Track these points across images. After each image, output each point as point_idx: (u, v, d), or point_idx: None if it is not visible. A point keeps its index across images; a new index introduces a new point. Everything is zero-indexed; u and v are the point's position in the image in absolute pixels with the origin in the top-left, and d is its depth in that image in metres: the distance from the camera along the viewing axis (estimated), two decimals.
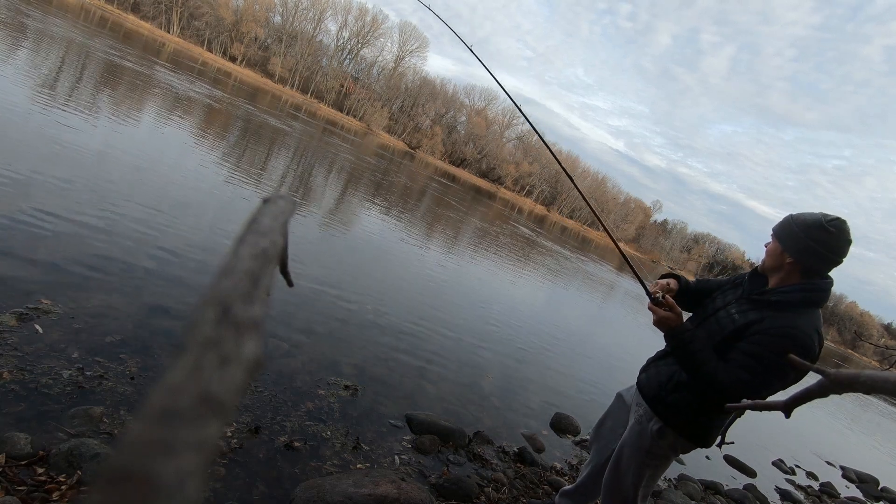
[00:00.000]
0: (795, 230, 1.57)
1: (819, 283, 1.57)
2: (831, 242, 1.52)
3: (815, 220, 1.54)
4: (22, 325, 2.35)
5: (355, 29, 78.13)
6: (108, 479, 0.18)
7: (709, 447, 1.78)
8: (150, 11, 63.46)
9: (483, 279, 8.43)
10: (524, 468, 3.01)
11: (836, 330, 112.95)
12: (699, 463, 4.41)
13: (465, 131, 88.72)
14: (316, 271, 4.90)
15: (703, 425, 1.73)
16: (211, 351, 0.23)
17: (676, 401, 1.73)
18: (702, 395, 1.68)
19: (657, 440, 1.79)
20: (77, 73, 10.41)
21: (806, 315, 1.55)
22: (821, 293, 1.57)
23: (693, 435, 1.75)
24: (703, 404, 1.69)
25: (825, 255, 1.53)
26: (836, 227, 1.52)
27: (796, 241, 1.56)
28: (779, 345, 1.50)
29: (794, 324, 1.52)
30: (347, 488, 2.03)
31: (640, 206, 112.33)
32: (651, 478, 1.88)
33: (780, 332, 1.51)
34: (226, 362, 0.23)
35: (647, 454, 1.83)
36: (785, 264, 1.61)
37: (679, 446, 1.80)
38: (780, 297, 1.59)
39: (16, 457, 1.68)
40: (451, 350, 4.46)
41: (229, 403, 0.22)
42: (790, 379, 1.53)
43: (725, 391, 1.54)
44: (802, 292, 1.56)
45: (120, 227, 3.96)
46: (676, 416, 1.74)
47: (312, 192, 9.36)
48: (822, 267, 1.57)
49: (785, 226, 1.62)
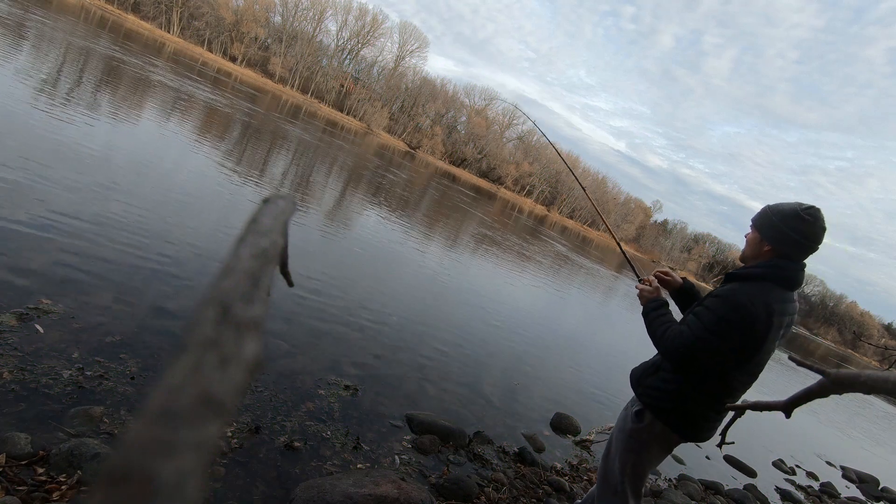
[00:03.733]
0: (773, 219, 1.64)
1: (780, 262, 1.63)
2: (806, 230, 1.59)
3: (792, 209, 1.61)
4: (22, 325, 2.35)
5: (355, 29, 78.14)
6: (109, 479, 0.18)
7: (693, 439, 1.78)
8: (150, 11, 63.44)
9: (484, 279, 8.43)
10: (524, 468, 3.01)
11: (837, 330, 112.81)
12: (699, 463, 4.41)
13: (465, 131, 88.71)
14: (317, 271, 4.90)
15: (685, 415, 1.73)
16: (211, 351, 0.23)
17: (653, 382, 1.80)
18: (678, 381, 1.72)
19: (636, 423, 1.84)
20: (77, 74, 10.41)
21: (759, 286, 1.61)
22: (779, 270, 1.62)
23: (673, 423, 1.75)
24: (681, 389, 1.72)
25: (800, 242, 1.60)
26: (811, 216, 1.59)
27: (774, 229, 1.63)
28: (718, 304, 1.61)
29: (739, 289, 1.62)
30: (347, 488, 2.03)
31: (640, 206, 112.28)
32: (636, 466, 1.87)
33: (723, 294, 1.62)
34: (226, 362, 0.23)
35: (630, 438, 1.86)
36: (763, 252, 1.67)
37: (661, 434, 1.79)
38: (742, 272, 1.68)
39: (16, 457, 1.68)
40: (452, 350, 4.46)
41: (229, 403, 0.22)
42: (735, 341, 1.57)
43: (669, 348, 1.67)
44: (763, 268, 1.64)
45: (120, 227, 3.96)
46: (652, 399, 1.79)
47: (313, 192, 9.36)
48: (797, 253, 1.63)
49: (763, 216, 1.69)
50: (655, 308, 1.83)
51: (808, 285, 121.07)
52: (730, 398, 1.69)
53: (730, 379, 1.65)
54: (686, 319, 1.71)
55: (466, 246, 11.50)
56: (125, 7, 61.59)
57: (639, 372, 1.90)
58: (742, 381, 1.67)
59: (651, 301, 1.86)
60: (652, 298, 1.87)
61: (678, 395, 1.72)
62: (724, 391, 1.67)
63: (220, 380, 0.22)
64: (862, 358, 79.32)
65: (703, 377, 1.67)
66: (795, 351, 30.50)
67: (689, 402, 1.71)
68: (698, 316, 1.64)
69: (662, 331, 1.73)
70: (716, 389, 1.67)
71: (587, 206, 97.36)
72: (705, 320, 1.61)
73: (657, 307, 1.83)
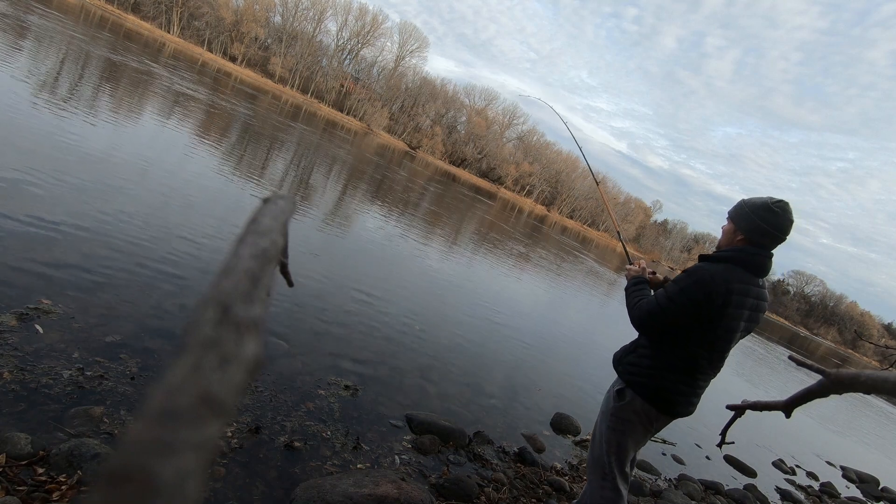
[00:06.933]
0: (746, 211, 1.78)
1: (748, 248, 1.77)
2: (776, 221, 1.73)
3: (763, 202, 1.76)
4: (22, 325, 2.35)
5: (355, 29, 78.08)
6: (109, 479, 0.18)
7: (670, 412, 1.87)
8: (150, 11, 63.44)
9: (485, 280, 8.43)
10: (524, 468, 3.01)
11: (837, 330, 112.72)
12: (699, 463, 4.41)
13: (465, 131, 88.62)
14: (317, 271, 4.90)
15: (659, 387, 1.84)
16: (211, 351, 0.23)
17: (632, 360, 1.93)
18: (651, 356, 1.86)
19: (617, 401, 1.93)
20: (77, 74, 10.41)
21: (723, 266, 1.75)
22: (745, 254, 1.76)
23: (652, 398, 1.85)
24: (653, 363, 1.85)
25: (770, 232, 1.74)
26: (781, 208, 1.74)
27: (747, 220, 1.77)
28: (682, 277, 1.77)
29: (704, 266, 1.76)
30: (348, 488, 2.03)
31: (640, 205, 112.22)
32: (620, 446, 1.93)
33: (689, 269, 1.78)
34: (226, 362, 0.23)
35: (612, 417, 1.94)
36: (736, 241, 1.81)
37: (642, 410, 1.88)
38: (713, 254, 1.84)
39: (16, 457, 1.68)
40: (452, 350, 4.46)
41: (229, 403, 0.22)
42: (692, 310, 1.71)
43: (636, 315, 1.86)
44: (731, 251, 1.79)
45: (120, 227, 3.96)
46: (632, 375, 1.91)
47: (313, 192, 9.36)
48: (767, 242, 1.77)
49: (738, 208, 1.83)
50: (635, 283, 2.00)
51: (809, 285, 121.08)
52: (699, 373, 1.82)
53: (694, 354, 1.79)
54: (657, 292, 1.88)
55: (467, 246, 11.50)
56: (125, 7, 61.58)
57: (620, 353, 2.03)
58: (705, 356, 1.79)
59: (633, 278, 2.04)
60: (634, 275, 2.05)
61: (652, 369, 1.85)
62: (691, 365, 1.81)
63: (220, 380, 0.22)
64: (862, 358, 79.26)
65: (671, 350, 1.82)
66: (796, 351, 30.49)
67: (661, 374, 1.84)
68: (666, 288, 1.82)
69: (634, 301, 1.91)
70: (683, 363, 1.81)
71: (587, 207, 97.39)
72: (669, 290, 1.78)
73: (636, 283, 2.00)
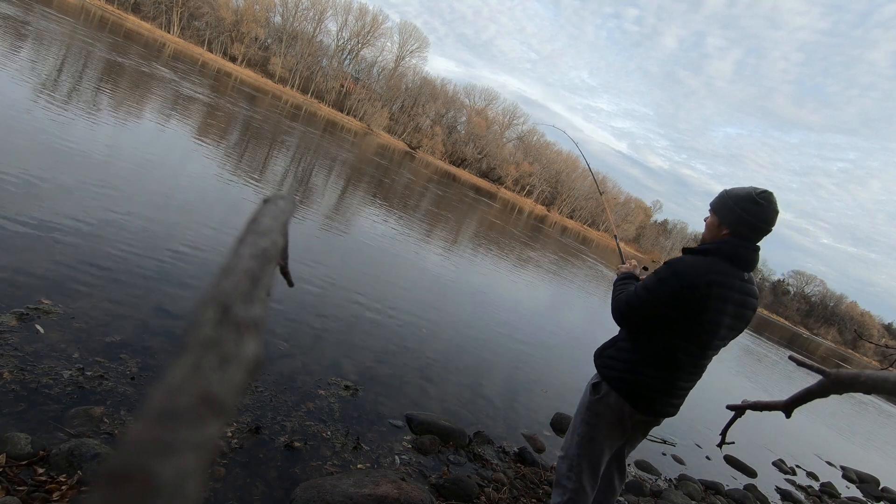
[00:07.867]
0: (730, 203, 1.71)
1: (732, 240, 1.70)
2: (760, 213, 1.66)
3: (747, 193, 1.68)
4: (22, 325, 2.35)
5: (355, 29, 78.05)
6: (109, 479, 0.18)
7: (645, 411, 1.82)
8: (150, 12, 63.43)
9: (485, 280, 8.42)
10: (524, 468, 3.01)
11: (837, 330, 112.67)
12: (699, 463, 4.41)
13: (465, 131, 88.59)
14: (317, 271, 4.90)
15: (635, 382, 1.80)
16: (211, 351, 0.23)
17: (611, 353, 1.90)
18: (630, 350, 1.82)
19: (592, 395, 1.91)
20: (78, 74, 10.42)
21: (705, 259, 1.69)
22: (729, 246, 1.69)
23: (627, 392, 1.81)
24: (632, 358, 1.81)
25: (755, 224, 1.67)
26: (765, 199, 1.67)
27: (731, 213, 1.70)
28: (662, 269, 1.73)
29: (685, 259, 1.72)
30: (348, 488, 2.03)
31: (640, 205, 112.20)
32: (592, 440, 1.91)
33: (670, 262, 1.73)
34: (226, 362, 0.23)
35: (587, 410, 1.93)
36: (720, 235, 1.74)
37: (615, 405, 1.84)
38: (696, 247, 1.79)
39: (16, 457, 1.68)
40: (452, 350, 4.46)
41: (229, 403, 0.22)
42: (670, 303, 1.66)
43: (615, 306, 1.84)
44: (716, 244, 1.72)
45: (121, 227, 3.96)
46: (609, 369, 1.87)
47: (313, 192, 9.36)
48: (752, 235, 1.70)
49: (721, 200, 1.75)
50: (622, 278, 1.99)
51: (809, 285, 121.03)
52: (679, 370, 1.76)
53: (674, 349, 1.73)
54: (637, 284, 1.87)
55: (467, 246, 11.50)
56: (125, 7, 61.58)
57: (601, 347, 2.00)
58: (686, 350, 1.73)
59: (622, 274, 2.03)
60: (623, 272, 2.03)
61: (630, 364, 1.81)
62: (670, 361, 1.75)
63: (220, 380, 0.22)
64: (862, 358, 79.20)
65: (649, 343, 1.76)
66: (796, 351, 30.47)
67: (637, 369, 1.79)
68: (645, 280, 1.80)
69: (617, 293, 1.89)
70: (661, 357, 1.75)
71: (587, 207, 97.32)
72: (648, 281, 1.75)
73: (624, 278, 1.99)
